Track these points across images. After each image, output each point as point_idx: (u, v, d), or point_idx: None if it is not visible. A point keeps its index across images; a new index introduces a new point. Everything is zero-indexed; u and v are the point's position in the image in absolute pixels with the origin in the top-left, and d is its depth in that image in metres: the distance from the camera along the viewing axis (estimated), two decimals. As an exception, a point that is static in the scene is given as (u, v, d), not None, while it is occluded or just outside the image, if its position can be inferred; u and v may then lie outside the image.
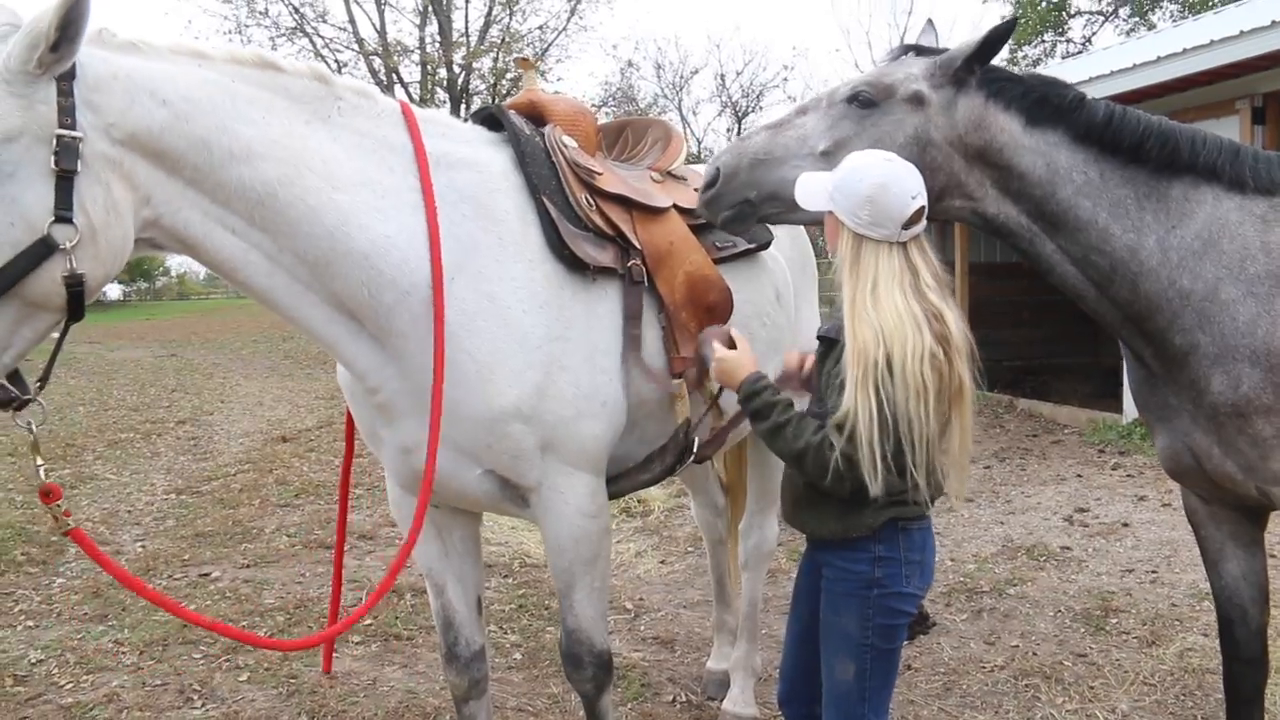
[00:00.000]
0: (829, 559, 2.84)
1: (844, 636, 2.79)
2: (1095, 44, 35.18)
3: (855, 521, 2.74)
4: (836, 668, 2.81)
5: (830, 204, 2.68)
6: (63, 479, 9.51)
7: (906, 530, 2.78)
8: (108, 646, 5.39)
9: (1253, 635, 3.36)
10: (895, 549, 2.76)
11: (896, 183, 2.63)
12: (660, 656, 5.36)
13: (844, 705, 2.82)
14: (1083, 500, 8.49)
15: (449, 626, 3.54)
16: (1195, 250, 2.87)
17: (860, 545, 2.76)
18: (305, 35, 30.26)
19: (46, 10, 2.29)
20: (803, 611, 3.02)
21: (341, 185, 2.80)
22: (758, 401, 2.70)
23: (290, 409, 14.72)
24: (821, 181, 2.72)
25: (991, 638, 5.46)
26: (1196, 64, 9.69)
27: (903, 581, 2.78)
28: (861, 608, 2.76)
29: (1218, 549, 3.38)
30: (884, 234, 2.61)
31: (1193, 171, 2.90)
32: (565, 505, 3.17)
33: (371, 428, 3.27)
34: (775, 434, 2.66)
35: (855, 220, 2.63)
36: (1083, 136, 2.90)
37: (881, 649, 2.80)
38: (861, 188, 2.62)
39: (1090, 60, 15.82)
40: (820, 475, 2.60)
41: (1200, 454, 3.04)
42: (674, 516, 8.15)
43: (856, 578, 2.77)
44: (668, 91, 40.82)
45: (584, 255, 3.11)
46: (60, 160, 2.34)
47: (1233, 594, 3.36)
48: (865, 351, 2.53)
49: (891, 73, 2.93)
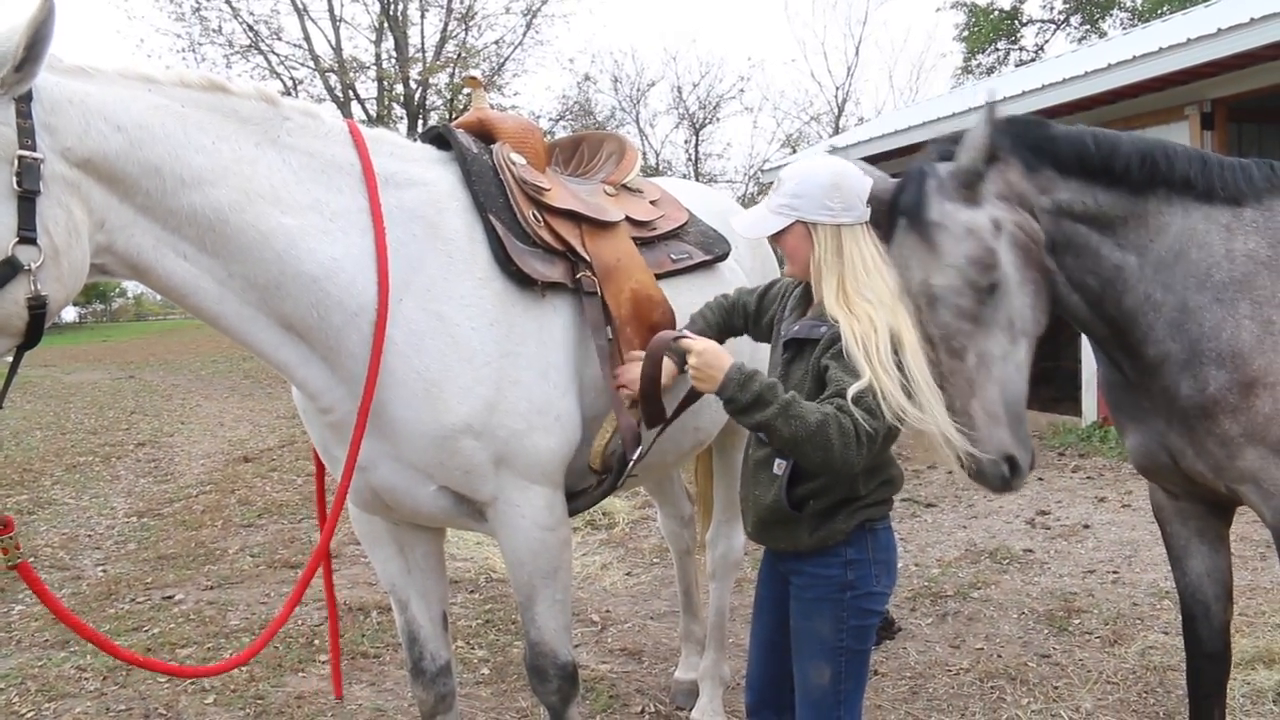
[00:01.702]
0: (798, 567, 2.84)
1: (818, 641, 2.81)
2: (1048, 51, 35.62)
3: (830, 531, 2.75)
4: (811, 673, 2.82)
5: (790, 215, 2.74)
6: (20, 505, 9.41)
7: (874, 531, 2.81)
8: (70, 673, 5.33)
9: (1215, 631, 3.41)
10: (864, 550, 2.79)
11: (845, 164, 2.83)
12: (628, 668, 5.36)
13: (819, 710, 2.83)
14: (1044, 503, 8.57)
15: (414, 642, 3.53)
16: (1168, 262, 2.98)
17: (832, 550, 2.78)
18: (260, 53, 30.03)
19: (13, 30, 2.28)
20: (768, 620, 3.02)
21: (290, 209, 2.80)
22: (756, 387, 2.54)
23: (251, 429, 14.61)
24: (764, 206, 2.83)
25: (956, 641, 5.50)
26: (1147, 70, 9.85)
27: (873, 581, 2.81)
28: (835, 611, 2.78)
29: (1183, 545, 3.43)
30: (856, 216, 2.72)
31: (1167, 185, 2.99)
32: (522, 519, 3.17)
33: (326, 447, 3.27)
34: (786, 415, 2.50)
35: (829, 213, 2.70)
36: (1072, 168, 2.96)
37: (855, 650, 2.82)
38: (823, 179, 2.72)
39: (1043, 68, 16.02)
40: (844, 445, 2.49)
41: (1175, 453, 3.12)
42: (639, 529, 8.15)
43: (829, 582, 2.78)
44: (625, 104, 40.84)
45: (531, 271, 3.12)
46: (22, 181, 2.32)
47: (1196, 590, 3.41)
48: (869, 328, 2.57)
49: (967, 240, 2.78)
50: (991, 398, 2.75)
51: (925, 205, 2.79)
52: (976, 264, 2.74)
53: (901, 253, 2.81)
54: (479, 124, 3.45)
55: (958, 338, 2.75)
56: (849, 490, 2.73)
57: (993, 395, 2.75)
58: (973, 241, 2.76)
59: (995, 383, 2.75)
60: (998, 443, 2.73)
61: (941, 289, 2.75)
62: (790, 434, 2.50)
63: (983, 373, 2.75)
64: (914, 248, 2.80)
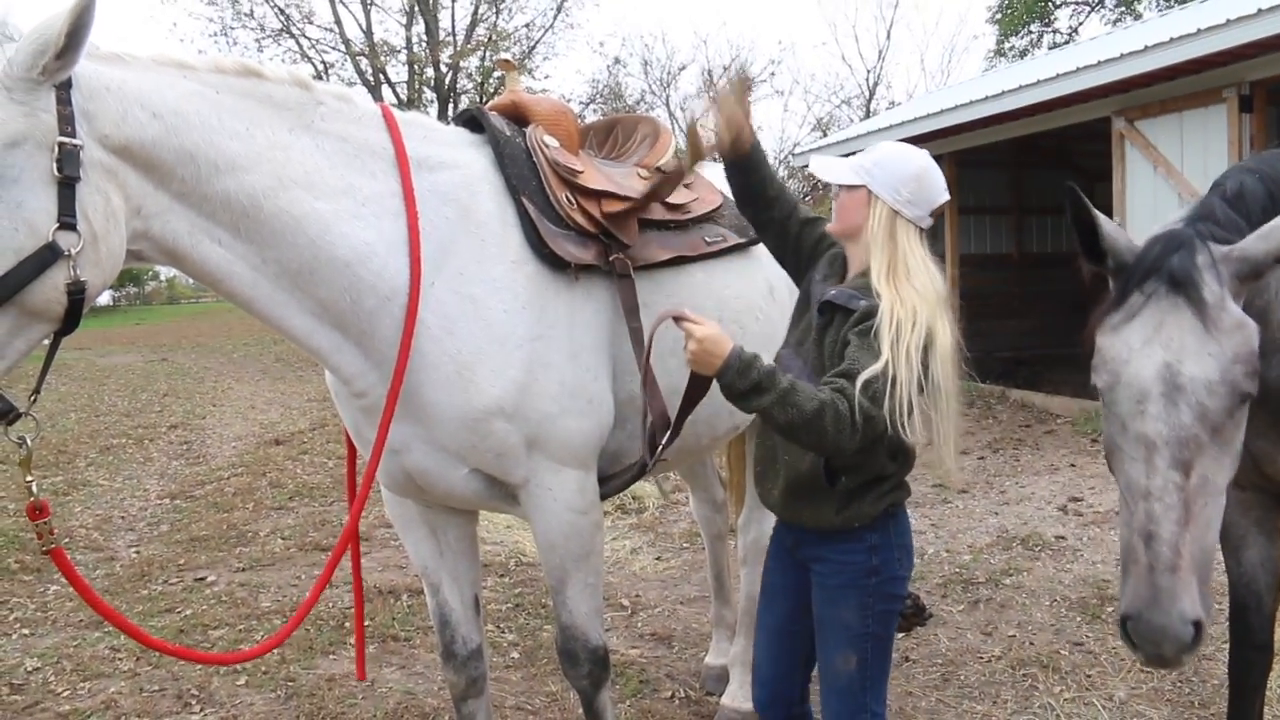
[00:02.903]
0: (821, 553, 2.83)
1: (844, 629, 2.79)
2: (1082, 34, 35.23)
3: (856, 512, 2.74)
4: (838, 661, 2.81)
5: (864, 178, 2.77)
6: (55, 486, 9.50)
7: (894, 515, 2.82)
8: (104, 653, 5.38)
9: (1266, 621, 3.37)
10: (887, 535, 2.79)
11: (937, 170, 2.81)
12: (658, 653, 5.36)
13: (847, 697, 2.82)
14: (1076, 489, 8.51)
15: (445, 625, 3.54)
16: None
17: (855, 536, 2.77)
18: (291, 37, 30.19)
19: (55, 16, 2.30)
20: (781, 609, 3.00)
21: (324, 194, 2.81)
22: (752, 375, 2.50)
23: (282, 411, 14.70)
24: (847, 161, 2.85)
25: (988, 628, 5.47)
26: (1184, 53, 9.71)
27: (896, 566, 2.81)
28: (861, 597, 2.77)
29: (1240, 535, 3.36)
30: (915, 215, 2.74)
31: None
32: (554, 501, 3.18)
33: (358, 429, 3.27)
34: (785, 401, 2.46)
35: (895, 196, 2.73)
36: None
37: (881, 636, 2.81)
38: (909, 167, 2.76)
39: (1077, 51, 15.84)
40: (837, 431, 2.47)
41: (1260, 457, 3.00)
42: (669, 513, 8.15)
43: (855, 568, 2.77)
44: (655, 88, 40.75)
45: (564, 254, 3.12)
46: (63, 167, 2.34)
47: (1251, 580, 3.36)
48: (908, 316, 2.57)
49: (1236, 334, 2.32)
50: (1204, 539, 2.24)
51: (1200, 279, 2.33)
52: (1245, 365, 2.28)
53: (1145, 324, 2.37)
54: (513, 106, 3.45)
55: (1190, 447, 2.25)
56: (880, 469, 2.73)
57: (1206, 537, 2.24)
58: (1242, 339, 2.30)
59: (1208, 522, 2.26)
60: (1194, 603, 2.18)
61: (1191, 379, 2.27)
62: (786, 421, 2.48)
63: (1201, 502, 2.24)
64: (1176, 323, 2.32)
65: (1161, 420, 2.26)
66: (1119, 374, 2.36)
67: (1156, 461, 2.24)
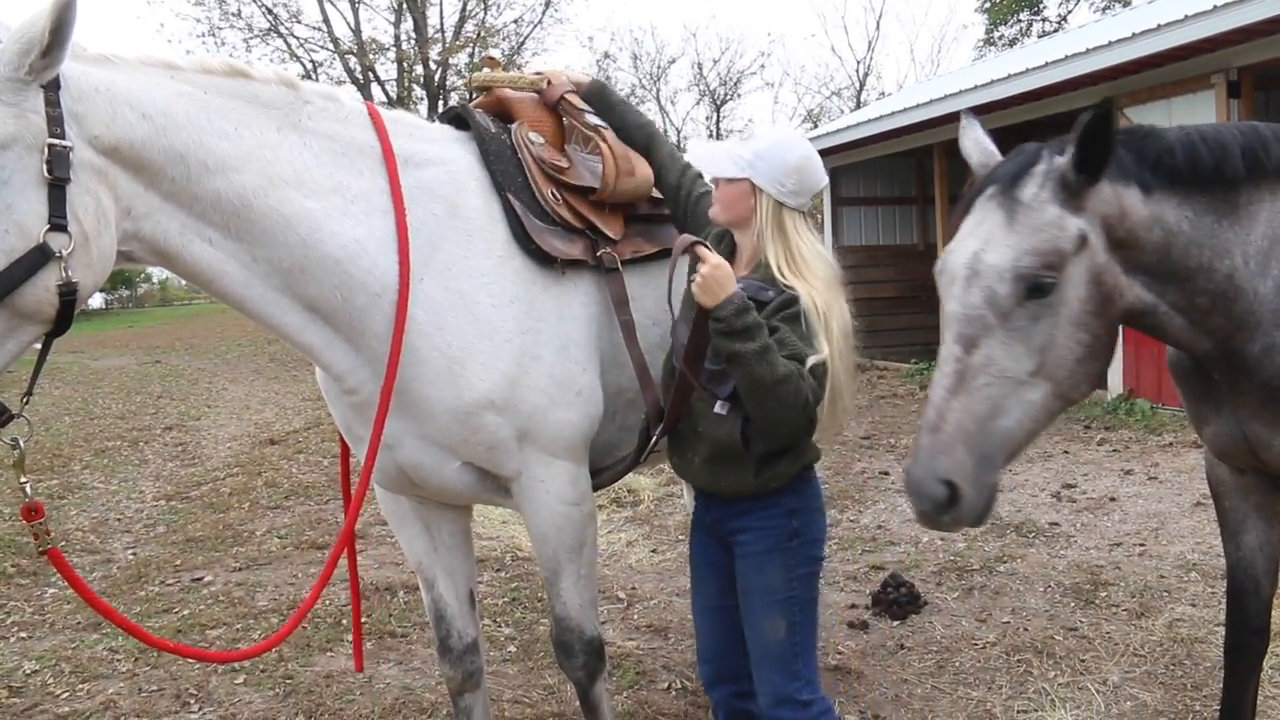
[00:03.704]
0: (741, 524, 2.90)
1: (769, 594, 2.85)
2: (1071, 22, 35.27)
3: (773, 474, 2.82)
4: (766, 628, 2.86)
5: (746, 171, 2.81)
6: (50, 489, 9.50)
7: (807, 479, 2.90)
8: (102, 655, 5.39)
9: (1263, 605, 3.37)
10: (803, 498, 2.89)
11: (817, 157, 2.87)
12: (654, 644, 5.38)
13: (778, 666, 2.86)
14: (1070, 476, 8.54)
15: (441, 620, 3.56)
16: (1264, 250, 2.72)
17: (773, 502, 2.85)
18: (279, 36, 30.20)
19: (38, 15, 2.31)
20: (710, 588, 3.06)
21: (313, 192, 2.83)
22: (749, 318, 2.57)
23: (277, 411, 14.71)
24: (729, 150, 2.87)
25: (983, 615, 5.49)
26: (1172, 39, 9.75)
27: (814, 529, 2.90)
28: (785, 560, 2.85)
29: (1240, 520, 3.37)
30: (799, 203, 2.81)
31: (1259, 172, 2.73)
32: (546, 494, 3.20)
33: (350, 426, 3.29)
34: (762, 356, 2.55)
35: (779, 188, 2.78)
36: (1174, 181, 2.64)
37: (806, 599, 2.88)
38: (791, 158, 2.79)
39: (1067, 39, 15.87)
40: (798, 403, 2.62)
41: (1258, 442, 2.99)
42: (664, 505, 8.17)
43: (776, 532, 2.85)
44: (645, 82, 40.89)
45: (551, 249, 3.15)
46: (53, 169, 2.35)
47: (1249, 565, 3.36)
48: (825, 306, 2.70)
49: (1044, 232, 2.47)
50: (975, 410, 2.39)
51: (1021, 182, 2.52)
52: (1038, 257, 2.43)
53: (971, 221, 2.57)
54: (498, 104, 3.47)
55: (975, 324, 2.43)
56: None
57: (978, 409, 2.39)
58: (1048, 237, 2.45)
59: (989, 400, 2.40)
60: (949, 464, 2.35)
61: (987, 266, 2.45)
62: (758, 375, 2.57)
63: (981, 379, 2.40)
64: (985, 219, 2.53)
65: (957, 300, 2.47)
66: (943, 261, 2.58)
67: (946, 336, 2.46)
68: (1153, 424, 10.17)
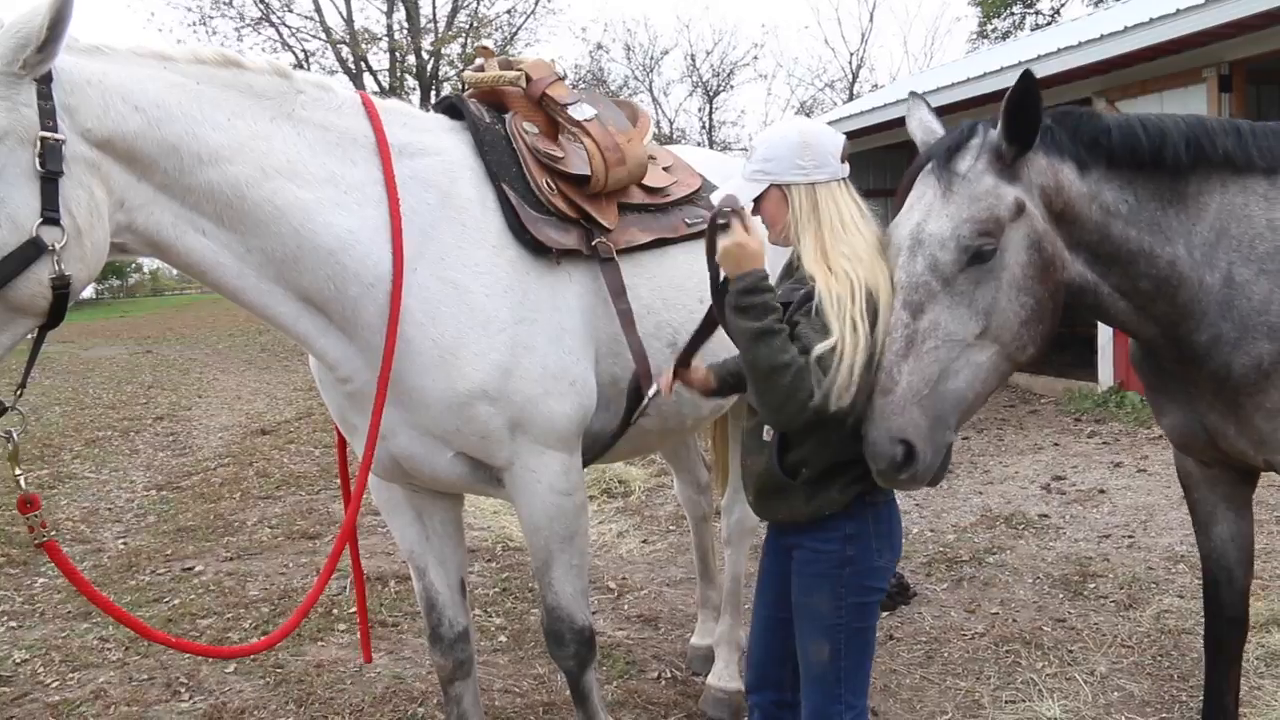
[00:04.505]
0: (799, 541, 2.82)
1: (817, 618, 2.78)
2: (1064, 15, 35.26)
3: (825, 500, 2.72)
4: (811, 650, 2.80)
5: (764, 179, 2.72)
6: (41, 479, 9.48)
7: (874, 505, 2.78)
8: (92, 643, 5.39)
9: (1237, 596, 3.40)
10: (864, 524, 2.76)
11: (816, 124, 2.81)
12: (644, 634, 5.40)
13: (821, 687, 2.80)
14: (1060, 468, 8.58)
15: (432, 608, 3.57)
16: (1211, 242, 2.82)
17: (830, 524, 2.74)
18: (271, 25, 30.04)
19: (34, 10, 2.30)
20: (770, 596, 2.99)
21: (306, 182, 2.83)
22: (760, 296, 2.54)
23: (268, 401, 14.69)
24: (741, 173, 2.79)
25: (972, 606, 5.52)
26: (1163, 33, 9.74)
27: (874, 556, 2.77)
28: (834, 587, 2.75)
29: (1209, 511, 3.40)
30: (830, 173, 2.70)
31: (1204, 163, 2.82)
32: (538, 484, 3.21)
33: (343, 415, 3.30)
34: (763, 337, 2.51)
35: (801, 172, 2.69)
36: (1114, 162, 2.77)
37: (855, 628, 2.77)
38: (791, 138, 2.72)
39: (1059, 32, 15.88)
40: (794, 394, 2.48)
41: (1215, 432, 3.03)
42: (654, 496, 8.18)
43: (828, 557, 2.75)
44: (638, 73, 40.80)
45: (545, 239, 3.15)
46: (45, 162, 2.36)
47: (1221, 555, 3.40)
48: (845, 288, 2.55)
49: (981, 201, 2.59)
50: (925, 372, 2.50)
51: (958, 155, 2.66)
52: (976, 225, 2.55)
53: (914, 194, 2.70)
54: (492, 94, 3.46)
55: (921, 291, 2.54)
56: (839, 454, 2.66)
57: (927, 371, 2.50)
58: (985, 206, 2.58)
59: (937, 362, 2.51)
60: (902, 423, 2.46)
61: (929, 235, 2.57)
62: (758, 355, 2.51)
63: (929, 343, 2.51)
64: (926, 191, 2.66)
65: (904, 269, 2.58)
66: (890, 234, 2.70)
67: (895, 303, 2.56)
68: (1142, 417, 10.20)
